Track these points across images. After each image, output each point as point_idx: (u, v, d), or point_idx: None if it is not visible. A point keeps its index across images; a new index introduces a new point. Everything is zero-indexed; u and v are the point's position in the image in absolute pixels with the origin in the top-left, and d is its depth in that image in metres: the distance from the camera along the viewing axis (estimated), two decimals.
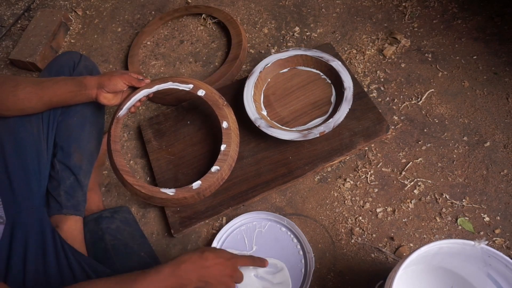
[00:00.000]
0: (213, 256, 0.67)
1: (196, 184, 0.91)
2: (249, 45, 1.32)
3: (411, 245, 0.91)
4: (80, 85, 0.80)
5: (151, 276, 0.62)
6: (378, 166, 1.01)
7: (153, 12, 1.50)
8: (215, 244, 0.94)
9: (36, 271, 0.73)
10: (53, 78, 0.82)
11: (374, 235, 0.93)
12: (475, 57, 1.14)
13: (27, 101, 0.78)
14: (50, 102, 0.81)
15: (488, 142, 1.00)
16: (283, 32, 1.32)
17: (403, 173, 0.99)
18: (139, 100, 0.94)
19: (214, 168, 0.92)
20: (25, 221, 0.78)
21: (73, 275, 0.73)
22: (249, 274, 0.90)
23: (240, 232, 0.97)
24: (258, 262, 0.77)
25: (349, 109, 0.97)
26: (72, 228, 0.86)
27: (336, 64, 1.05)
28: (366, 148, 1.04)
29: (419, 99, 1.09)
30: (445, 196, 0.94)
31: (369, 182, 0.99)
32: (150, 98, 1.22)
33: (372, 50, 1.21)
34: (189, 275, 0.65)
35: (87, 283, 0.63)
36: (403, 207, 0.95)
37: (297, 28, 1.32)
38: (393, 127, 1.06)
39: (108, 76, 0.85)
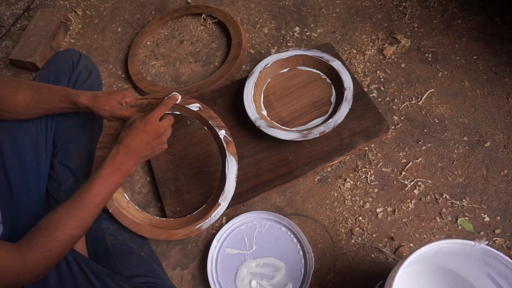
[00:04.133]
0: (131, 138, 0.74)
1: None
2: (249, 45, 1.32)
3: (411, 245, 0.90)
4: (74, 103, 0.79)
5: (97, 182, 0.70)
6: (378, 166, 1.01)
7: (153, 12, 1.50)
8: (215, 243, 0.95)
9: None
10: (51, 87, 0.80)
11: (374, 235, 0.93)
12: (475, 57, 1.14)
13: (25, 104, 0.78)
14: (47, 110, 0.81)
15: (488, 142, 1.00)
16: (283, 32, 1.32)
17: (403, 173, 0.99)
18: None
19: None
20: (24, 222, 0.78)
21: (72, 276, 0.73)
22: (248, 274, 0.91)
23: (240, 231, 0.97)
24: (169, 102, 0.81)
25: (349, 109, 0.97)
26: None
27: (336, 64, 1.05)
28: (366, 148, 1.04)
29: (419, 99, 1.09)
30: (445, 196, 0.94)
31: (369, 182, 0.99)
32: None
33: (372, 50, 1.21)
34: (126, 163, 0.73)
35: (52, 213, 0.67)
36: (403, 207, 0.95)
37: (297, 28, 1.32)
38: (393, 127, 1.06)
39: (99, 105, 0.79)
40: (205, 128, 0.91)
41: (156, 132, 0.76)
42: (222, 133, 0.88)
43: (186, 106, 0.86)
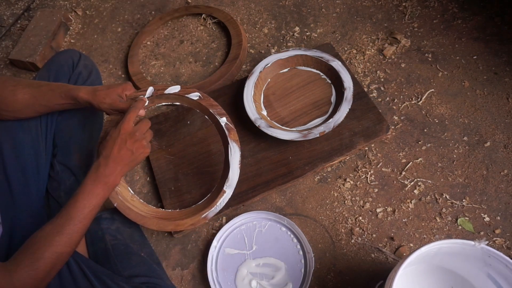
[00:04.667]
0: (108, 148, 0.72)
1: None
2: (249, 45, 1.32)
3: (411, 245, 0.90)
4: (74, 99, 0.79)
5: (81, 197, 0.68)
6: (378, 166, 1.01)
7: (153, 12, 1.50)
8: (215, 243, 0.95)
9: None
10: (51, 84, 0.80)
11: (374, 235, 0.93)
12: (475, 57, 1.14)
13: (25, 102, 0.78)
14: (48, 107, 0.80)
15: (488, 142, 1.00)
16: (283, 32, 1.32)
17: (403, 173, 0.99)
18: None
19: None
20: (24, 223, 0.78)
21: (72, 277, 0.73)
22: (248, 274, 0.91)
23: (240, 231, 0.97)
24: (138, 105, 0.78)
25: (349, 109, 0.97)
26: None
27: (336, 64, 1.05)
28: (366, 148, 1.04)
29: (419, 99, 1.09)
30: (445, 196, 0.94)
31: (369, 182, 0.99)
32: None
33: (372, 50, 1.21)
34: (109, 175, 0.71)
35: (39, 231, 0.66)
36: (403, 207, 0.95)
37: (297, 28, 1.32)
38: (393, 127, 1.06)
39: (99, 98, 0.79)
40: (206, 117, 0.90)
41: (132, 136, 0.73)
42: (223, 120, 0.87)
43: (186, 95, 0.86)
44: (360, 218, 0.95)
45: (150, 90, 0.85)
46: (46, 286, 0.71)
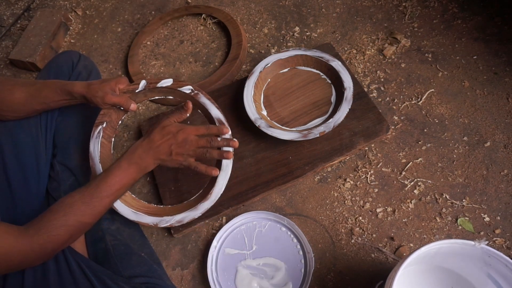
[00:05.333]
0: (159, 136, 0.74)
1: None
2: (249, 45, 1.32)
3: (411, 245, 0.90)
4: (69, 94, 0.79)
5: (114, 173, 0.70)
6: (378, 166, 1.01)
7: (153, 12, 1.50)
8: (215, 243, 0.95)
9: (34, 273, 0.73)
10: (46, 82, 0.80)
11: (374, 235, 0.93)
12: (475, 57, 1.14)
13: (22, 101, 0.78)
14: (45, 104, 0.80)
15: (488, 142, 1.00)
16: (283, 32, 1.32)
17: (403, 173, 0.99)
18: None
19: None
20: (24, 223, 0.78)
21: (72, 277, 0.73)
22: (248, 274, 0.91)
23: (240, 231, 0.97)
24: (213, 130, 0.79)
25: (349, 109, 0.97)
26: None
27: (336, 64, 1.05)
28: (366, 148, 1.04)
29: (419, 99, 1.09)
30: (445, 196, 0.94)
31: (369, 182, 0.99)
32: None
33: (372, 50, 1.21)
34: (144, 159, 0.73)
35: (65, 197, 0.68)
36: (403, 207, 0.95)
37: (297, 28, 1.32)
38: (393, 127, 1.06)
39: (92, 92, 0.79)
40: (199, 111, 0.89)
41: (185, 142, 0.74)
42: (215, 113, 0.87)
43: (179, 89, 0.86)
44: (360, 218, 0.95)
45: (142, 83, 0.85)
46: (46, 285, 0.71)
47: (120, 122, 0.89)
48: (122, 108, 0.84)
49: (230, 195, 0.99)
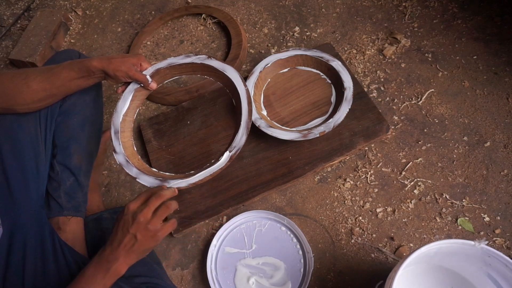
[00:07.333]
0: (113, 233, 0.67)
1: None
2: (249, 45, 1.32)
3: (411, 245, 0.90)
4: (87, 70, 0.78)
5: (82, 280, 0.63)
6: (378, 166, 1.01)
7: (153, 12, 1.50)
8: (215, 241, 0.95)
9: (34, 273, 0.73)
10: (61, 64, 0.80)
11: (374, 235, 0.93)
12: (475, 57, 1.14)
13: (41, 91, 0.77)
14: (64, 87, 0.80)
15: (488, 142, 1.00)
16: (283, 32, 1.32)
17: (403, 173, 0.99)
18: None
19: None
20: (24, 223, 0.78)
21: (72, 277, 0.73)
22: (248, 273, 0.91)
23: (240, 230, 0.97)
24: (166, 194, 0.69)
25: (349, 109, 0.97)
26: (74, 230, 0.85)
27: (336, 64, 1.05)
28: (366, 148, 1.04)
29: (419, 99, 1.09)
30: (445, 196, 0.94)
31: (369, 182, 0.99)
32: (150, 98, 1.22)
33: (372, 50, 1.21)
34: (112, 263, 0.64)
35: None
36: (403, 207, 0.95)
37: (297, 28, 1.32)
38: (393, 127, 1.06)
39: (114, 65, 0.79)
40: (208, 78, 0.92)
41: (135, 218, 0.65)
42: (231, 74, 0.90)
43: (202, 62, 0.91)
44: (360, 218, 0.95)
45: (166, 61, 0.89)
46: (46, 286, 0.71)
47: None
48: (142, 85, 0.86)
49: (230, 195, 0.99)
